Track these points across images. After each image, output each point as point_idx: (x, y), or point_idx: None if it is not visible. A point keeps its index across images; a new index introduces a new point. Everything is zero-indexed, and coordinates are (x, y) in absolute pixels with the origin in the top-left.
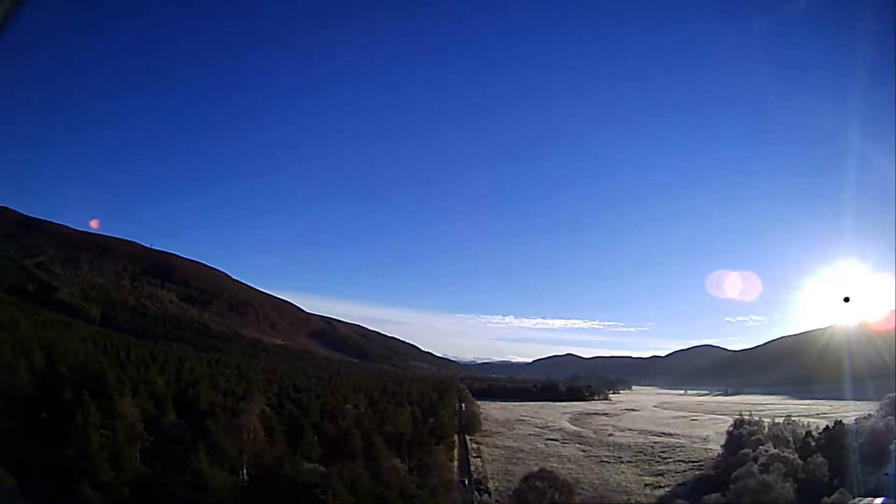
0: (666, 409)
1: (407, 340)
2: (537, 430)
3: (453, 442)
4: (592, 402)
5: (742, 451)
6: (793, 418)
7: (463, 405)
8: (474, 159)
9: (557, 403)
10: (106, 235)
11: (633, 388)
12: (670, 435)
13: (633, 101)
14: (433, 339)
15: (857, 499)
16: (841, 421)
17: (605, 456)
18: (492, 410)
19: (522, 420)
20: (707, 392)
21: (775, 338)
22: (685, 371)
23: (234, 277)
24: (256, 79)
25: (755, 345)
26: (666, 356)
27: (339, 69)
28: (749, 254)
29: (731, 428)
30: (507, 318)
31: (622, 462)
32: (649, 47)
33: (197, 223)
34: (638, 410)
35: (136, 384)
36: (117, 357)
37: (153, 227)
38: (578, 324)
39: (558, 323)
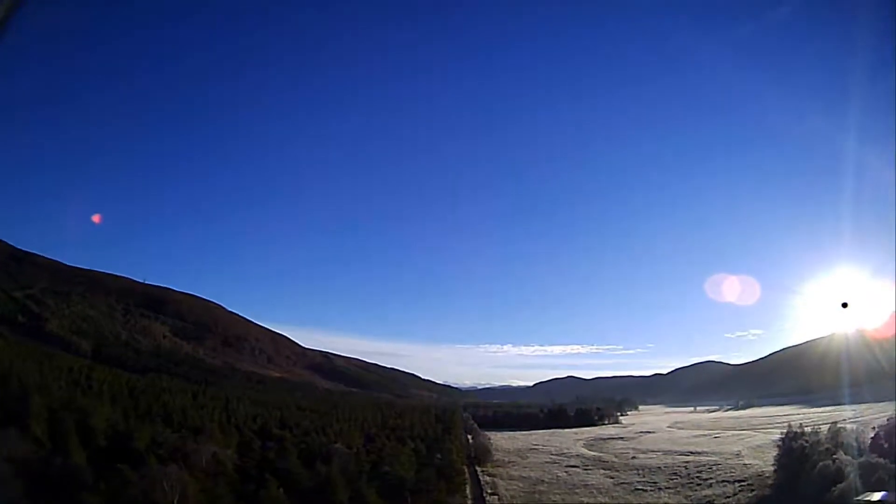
0: (682, 428)
1: (406, 370)
2: (553, 457)
3: (464, 480)
4: (603, 426)
5: (821, 463)
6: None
7: (470, 437)
8: (465, 191)
9: (566, 430)
10: (98, 271)
11: (640, 408)
12: (699, 453)
13: (622, 117)
14: (432, 369)
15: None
16: None
17: (638, 482)
18: (500, 440)
19: (535, 448)
20: (717, 407)
21: (777, 350)
22: (689, 387)
23: (230, 310)
24: (250, 107)
25: (757, 358)
26: (668, 374)
27: (331, 97)
28: (745, 267)
29: (784, 441)
30: (506, 347)
31: (659, 488)
32: (634, 56)
33: (191, 256)
34: (654, 432)
35: (54, 413)
36: (87, 388)
37: (146, 260)
38: (577, 349)
39: (557, 349)
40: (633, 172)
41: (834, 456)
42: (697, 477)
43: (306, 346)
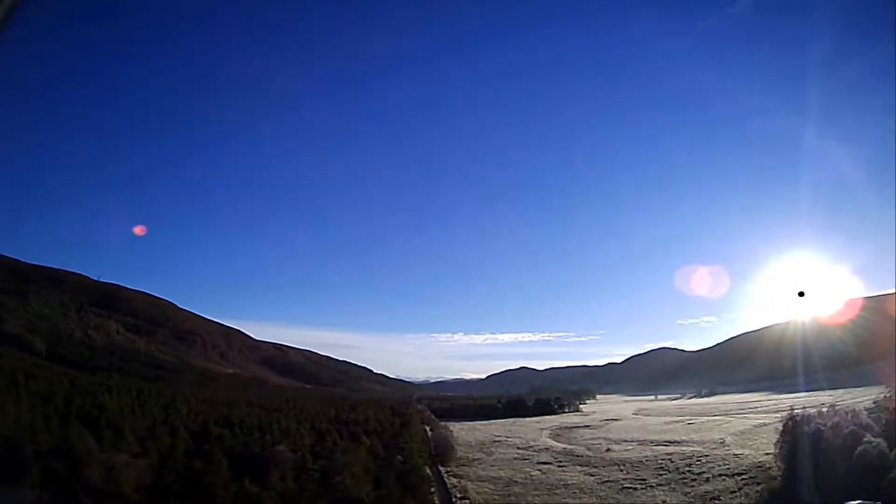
0: (648, 415)
1: (359, 363)
2: (521, 451)
3: (431, 490)
4: (564, 414)
5: (860, 448)
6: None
7: (428, 429)
8: (413, 179)
9: (527, 419)
10: (55, 268)
11: (598, 397)
12: (678, 443)
13: (579, 107)
14: (385, 361)
15: None
16: None
17: (623, 479)
18: (459, 432)
19: (498, 441)
20: (679, 395)
21: (732, 336)
22: (644, 376)
23: (181, 306)
24: (201, 110)
25: (713, 344)
26: (622, 362)
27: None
28: (697, 256)
29: (789, 425)
30: (457, 336)
31: (650, 485)
32: (596, 49)
33: (142, 252)
34: (620, 420)
35: None
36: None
37: (98, 257)
38: (529, 337)
39: (508, 337)
40: (584, 161)
41: (865, 440)
42: (689, 471)
43: (259, 339)
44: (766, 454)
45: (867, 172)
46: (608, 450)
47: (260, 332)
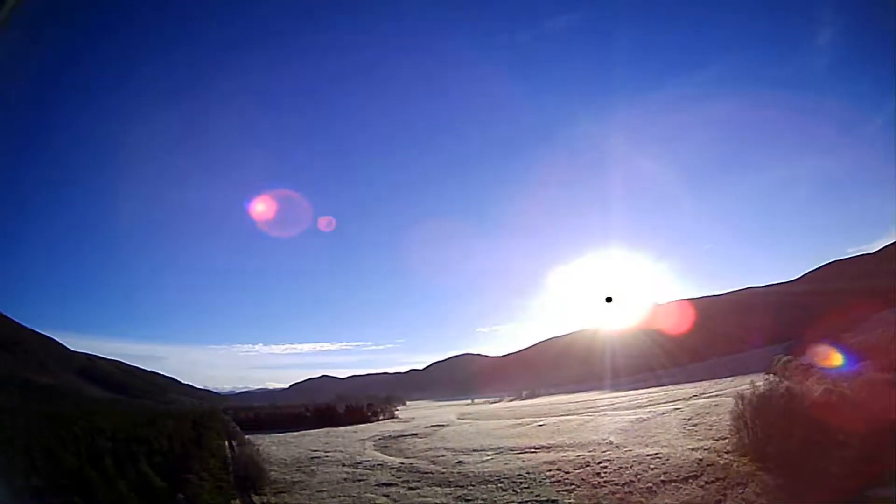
0: (478, 419)
1: (165, 374)
2: (349, 470)
3: None
4: (380, 422)
5: None
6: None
7: (234, 444)
8: (207, 192)
9: (340, 429)
10: None
11: (408, 403)
12: (548, 448)
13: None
14: (189, 372)
15: None
16: None
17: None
18: (269, 446)
19: (317, 457)
20: (497, 398)
21: (540, 340)
22: (450, 381)
23: (6, 315)
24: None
25: (518, 349)
26: (424, 369)
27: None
28: (496, 262)
29: (753, 405)
30: (257, 347)
31: None
32: (392, 63)
33: None
34: (448, 426)
35: None
36: None
37: None
38: (327, 346)
39: (307, 347)
40: (385, 168)
41: None
42: (605, 481)
43: (73, 350)
44: (692, 450)
45: (680, 180)
46: (459, 462)
47: (74, 342)
